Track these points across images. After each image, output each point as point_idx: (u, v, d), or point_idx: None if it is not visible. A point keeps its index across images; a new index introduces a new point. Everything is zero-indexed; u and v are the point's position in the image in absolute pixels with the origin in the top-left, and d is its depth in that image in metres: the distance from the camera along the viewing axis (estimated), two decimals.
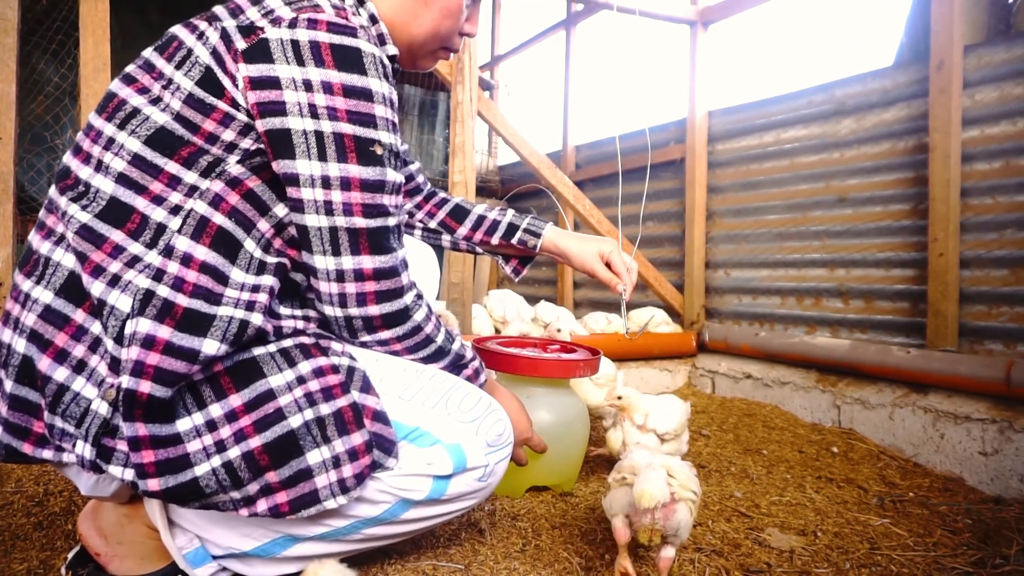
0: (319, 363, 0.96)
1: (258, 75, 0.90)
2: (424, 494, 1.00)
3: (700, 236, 3.15)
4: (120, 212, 0.90)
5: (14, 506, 1.35)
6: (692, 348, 2.98)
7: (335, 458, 0.92)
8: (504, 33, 5.53)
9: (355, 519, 1.00)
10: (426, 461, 1.00)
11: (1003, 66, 2.10)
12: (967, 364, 1.95)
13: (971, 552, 1.34)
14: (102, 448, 0.87)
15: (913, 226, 2.33)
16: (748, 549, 1.29)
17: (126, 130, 0.92)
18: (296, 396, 0.93)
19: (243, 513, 0.92)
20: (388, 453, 0.97)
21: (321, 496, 0.92)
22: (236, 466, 0.89)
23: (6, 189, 1.87)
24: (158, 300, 0.87)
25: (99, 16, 1.98)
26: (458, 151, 2.62)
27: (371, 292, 0.98)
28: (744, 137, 3.00)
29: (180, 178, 0.92)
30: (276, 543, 1.00)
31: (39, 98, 3.28)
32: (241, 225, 0.95)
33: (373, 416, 0.97)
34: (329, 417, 0.93)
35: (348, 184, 0.93)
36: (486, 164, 5.29)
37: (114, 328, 0.87)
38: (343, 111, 0.91)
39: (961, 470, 1.89)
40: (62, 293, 0.90)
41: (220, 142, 0.92)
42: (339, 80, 0.91)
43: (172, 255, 0.89)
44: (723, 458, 1.91)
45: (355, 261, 0.96)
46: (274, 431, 0.91)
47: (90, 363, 0.88)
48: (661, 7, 3.02)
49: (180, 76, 0.92)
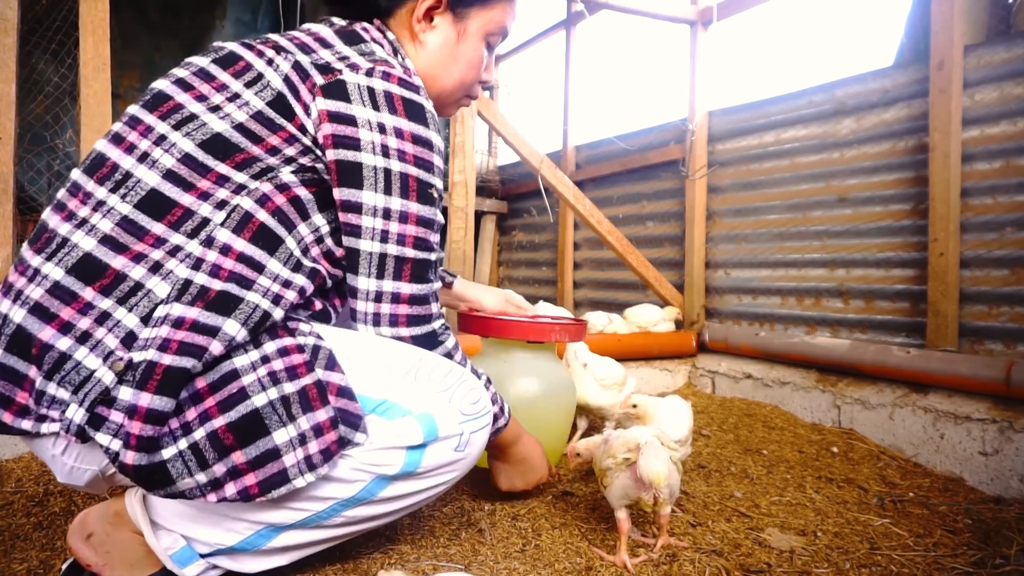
0: (284, 343, 0.98)
1: (336, 110, 1.00)
2: (398, 467, 1.00)
3: (700, 236, 3.15)
4: (162, 205, 0.95)
5: (14, 506, 1.35)
6: (692, 348, 2.98)
7: (301, 435, 0.93)
8: None
9: (332, 501, 0.99)
10: (396, 433, 1.00)
11: (1003, 66, 2.10)
12: (967, 364, 1.95)
13: (971, 552, 1.34)
14: (94, 415, 0.88)
15: (913, 226, 2.33)
16: (748, 549, 1.29)
17: (181, 131, 0.97)
18: (260, 375, 0.94)
19: (211, 499, 0.91)
20: (355, 428, 0.97)
21: (290, 475, 0.92)
22: (202, 447, 0.90)
23: (6, 189, 1.87)
24: (195, 287, 0.93)
25: (99, 16, 1.98)
26: (458, 151, 2.62)
27: (403, 315, 1.07)
28: (744, 137, 3.00)
29: (229, 177, 0.98)
30: (260, 535, 1.00)
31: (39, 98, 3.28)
32: (283, 224, 1.02)
33: (338, 392, 0.97)
34: (294, 395, 0.94)
35: (406, 218, 1.04)
36: (486, 164, 5.29)
37: (144, 308, 0.92)
38: (411, 155, 1.03)
39: (961, 470, 1.89)
40: (73, 271, 0.92)
41: (280, 155, 1.00)
42: (409, 128, 1.03)
43: (212, 245, 0.96)
44: (723, 458, 1.91)
45: (394, 286, 1.05)
46: (238, 410, 0.91)
47: (95, 335, 0.90)
48: (661, 7, 3.02)
49: (250, 95, 1.00)
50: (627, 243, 3.12)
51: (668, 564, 1.21)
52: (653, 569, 1.20)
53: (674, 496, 1.23)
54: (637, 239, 3.53)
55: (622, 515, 1.23)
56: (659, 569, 1.20)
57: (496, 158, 5.37)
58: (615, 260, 3.62)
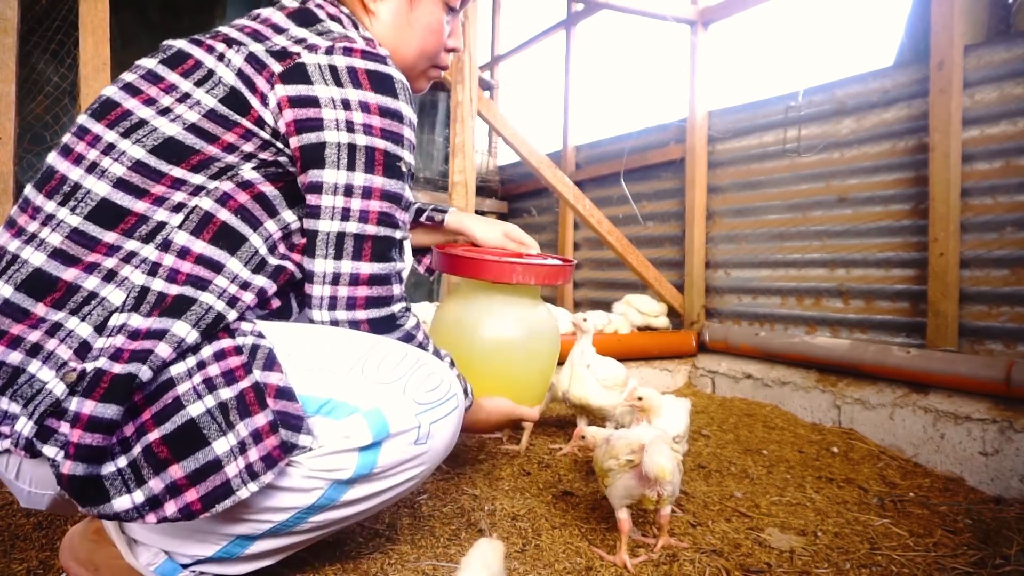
0: (221, 345, 0.92)
1: (296, 95, 0.96)
2: (351, 471, 0.93)
3: (700, 236, 3.15)
4: (114, 213, 0.92)
5: (14, 506, 1.35)
6: (692, 348, 2.98)
7: (241, 443, 0.86)
8: (504, 33, 5.53)
9: (293, 510, 0.94)
10: (343, 434, 0.93)
11: (1003, 66, 2.10)
12: (967, 364, 1.95)
13: (971, 552, 1.34)
14: (43, 428, 0.84)
15: (913, 226, 2.33)
16: (748, 549, 1.29)
17: (130, 138, 0.94)
18: (195, 383, 0.88)
19: (151, 519, 0.85)
20: (297, 430, 0.90)
21: (233, 486, 0.86)
22: (139, 463, 0.85)
23: (6, 189, 1.87)
24: (152, 295, 0.90)
25: (99, 16, 1.98)
26: (458, 151, 2.62)
27: (362, 297, 1.00)
28: (744, 137, 3.00)
29: (185, 180, 0.95)
30: (235, 544, 0.96)
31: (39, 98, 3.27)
32: (247, 222, 0.98)
33: (276, 394, 0.90)
34: (231, 400, 0.88)
35: (370, 193, 0.99)
36: (486, 164, 5.29)
37: (98, 316, 0.89)
38: (378, 128, 0.98)
39: (961, 470, 1.89)
40: (23, 288, 0.90)
41: (238, 151, 0.97)
42: (376, 101, 0.98)
43: (169, 248, 0.92)
44: (723, 458, 1.91)
45: (353, 266, 0.99)
46: (173, 422, 0.86)
47: (47, 346, 0.87)
48: (661, 7, 3.02)
49: (201, 93, 0.96)
50: (627, 243, 3.12)
51: (668, 564, 1.21)
52: (653, 569, 1.20)
53: (674, 495, 1.24)
54: (637, 239, 3.53)
55: (623, 515, 1.23)
56: (659, 569, 1.20)
57: (496, 158, 5.37)
58: (615, 260, 3.62)
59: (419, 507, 1.43)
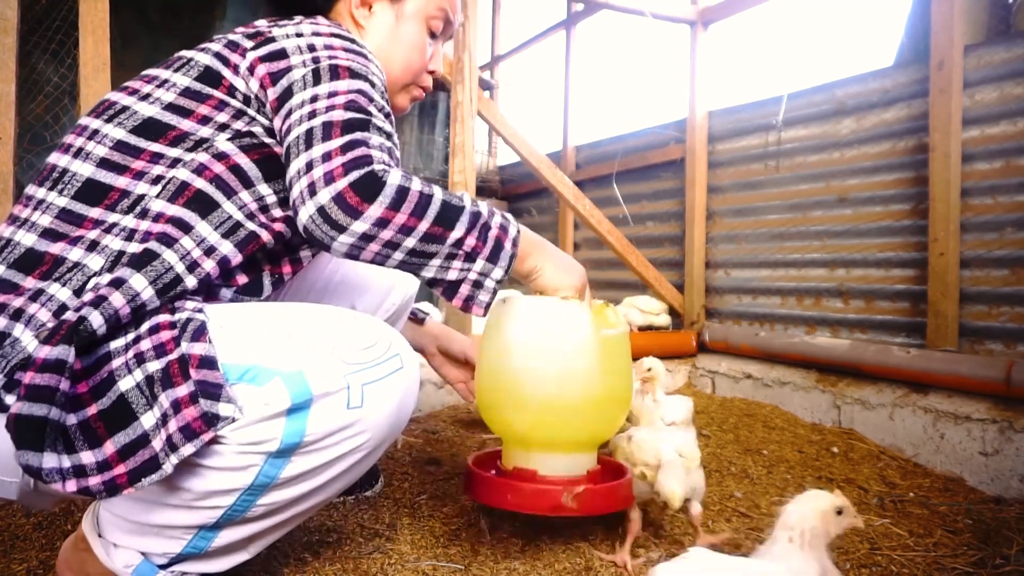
0: (157, 320, 0.90)
1: (267, 52, 1.01)
2: (278, 440, 0.87)
3: (700, 236, 3.15)
4: (98, 190, 0.96)
5: (14, 506, 1.35)
6: (692, 348, 2.98)
7: (163, 415, 0.84)
8: (504, 33, 5.53)
9: (236, 492, 0.90)
10: (263, 401, 0.87)
11: (1003, 66, 2.10)
12: (967, 364, 1.95)
13: (971, 552, 1.34)
14: (10, 381, 0.85)
15: (913, 226, 2.33)
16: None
17: (113, 123, 1.00)
18: (128, 358, 0.87)
19: (69, 487, 0.83)
20: (216, 398, 0.85)
21: (160, 460, 0.84)
22: (71, 432, 0.84)
23: (6, 189, 1.87)
24: (126, 256, 0.93)
25: (99, 16, 1.98)
26: (458, 151, 2.62)
27: (338, 167, 0.89)
28: (744, 137, 3.00)
29: (163, 154, 0.99)
30: (198, 537, 0.94)
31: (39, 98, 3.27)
32: (222, 190, 1.00)
33: (199, 363, 0.86)
34: (157, 373, 0.85)
35: (335, 93, 0.96)
36: (486, 164, 5.29)
37: (78, 281, 0.92)
38: (343, 57, 1.01)
39: (961, 470, 1.89)
40: (15, 266, 0.94)
41: (212, 123, 1.01)
42: (340, 44, 1.03)
43: (147, 216, 0.96)
44: (723, 458, 1.91)
45: (324, 146, 0.91)
46: (109, 397, 0.86)
47: (28, 310, 0.90)
48: (661, 7, 3.02)
49: (177, 76, 1.03)
50: (627, 243, 3.12)
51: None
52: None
53: (700, 493, 1.25)
54: (637, 239, 3.53)
55: (635, 515, 1.22)
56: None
57: (496, 158, 5.37)
58: (615, 260, 3.62)
59: (419, 507, 1.43)
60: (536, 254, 1.10)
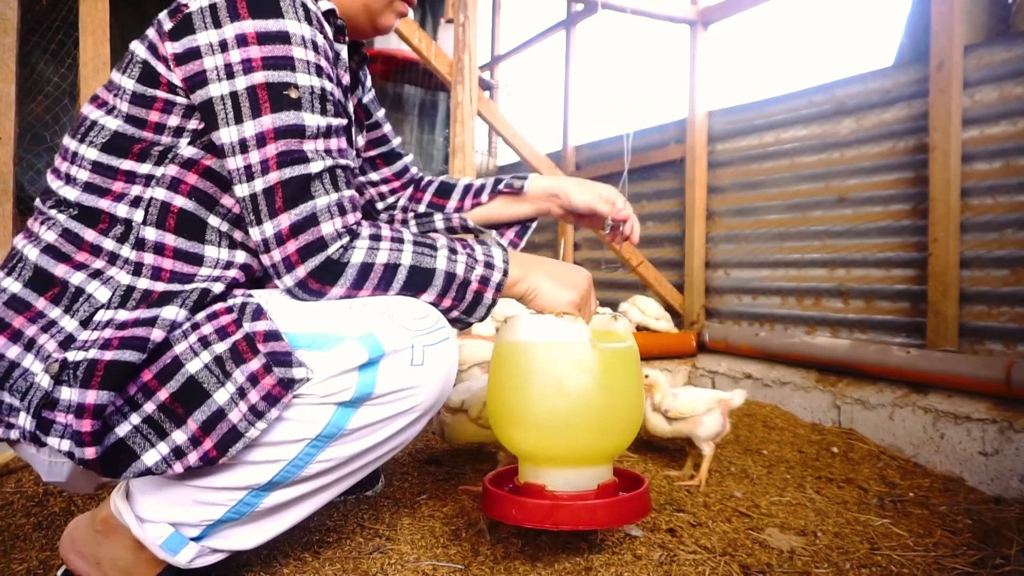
0: (213, 308, 0.96)
1: (182, 50, 0.93)
2: (352, 391, 0.93)
3: (700, 236, 3.15)
4: (89, 215, 0.98)
5: (14, 506, 1.35)
6: (692, 348, 2.98)
7: (240, 390, 0.90)
8: (504, 33, 5.53)
9: (302, 443, 0.94)
10: (339, 357, 0.93)
11: (1003, 66, 2.10)
12: (967, 364, 1.95)
13: (971, 552, 1.34)
14: (42, 420, 0.88)
15: (913, 226, 2.33)
16: (748, 549, 1.29)
17: (85, 142, 0.99)
18: (191, 343, 0.92)
19: (177, 468, 0.90)
20: (288, 365, 0.91)
21: (241, 429, 0.90)
22: (156, 418, 0.90)
23: (6, 189, 1.87)
24: (138, 292, 0.95)
25: (99, 16, 1.98)
26: (458, 151, 2.62)
27: (293, 253, 0.95)
28: (744, 137, 3.00)
29: (136, 172, 0.98)
30: (243, 503, 0.97)
31: (39, 98, 3.28)
32: (203, 204, 1.00)
33: (264, 337, 0.92)
34: (225, 353, 0.91)
35: (263, 139, 0.92)
36: (486, 164, 5.29)
37: (85, 312, 0.93)
38: (258, 59, 0.92)
39: (961, 470, 1.89)
40: (29, 284, 0.96)
41: (167, 129, 0.97)
42: (252, 28, 0.92)
43: (145, 247, 0.97)
44: (723, 458, 1.91)
45: (274, 224, 0.94)
46: (177, 379, 0.91)
47: (39, 341, 0.92)
48: (661, 7, 3.02)
49: (125, 79, 0.97)
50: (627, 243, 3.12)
51: (668, 564, 1.21)
52: (653, 569, 1.20)
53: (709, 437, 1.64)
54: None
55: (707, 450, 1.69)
56: (659, 569, 1.20)
57: (496, 158, 5.37)
58: (615, 260, 3.62)
59: (419, 507, 1.43)
60: (530, 275, 1.11)
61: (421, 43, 2.68)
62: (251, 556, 1.15)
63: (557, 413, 1.11)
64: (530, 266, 1.12)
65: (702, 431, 1.65)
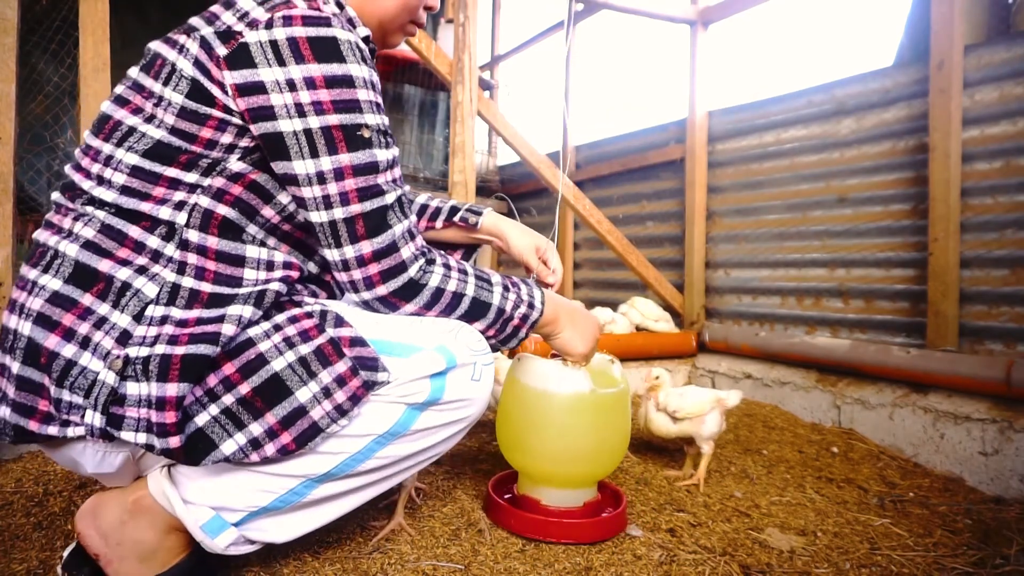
0: (292, 312, 1.02)
1: (243, 82, 0.96)
2: (425, 395, 1.03)
3: (700, 236, 3.15)
4: (130, 215, 0.99)
5: (14, 506, 1.35)
6: (692, 348, 2.98)
7: (324, 389, 0.97)
8: (504, 33, 5.53)
9: (369, 437, 1.02)
10: (417, 364, 1.03)
11: (1003, 66, 2.10)
12: (967, 364, 1.95)
13: (971, 552, 1.34)
14: (111, 416, 0.91)
15: (913, 226, 2.33)
16: (748, 549, 1.29)
17: (123, 147, 0.99)
18: (275, 342, 0.98)
19: (254, 458, 0.95)
20: (375, 369, 1.00)
21: (322, 425, 0.97)
22: (235, 411, 0.94)
23: (6, 189, 1.87)
24: (185, 291, 0.97)
25: (99, 16, 1.98)
26: (458, 151, 2.62)
27: (375, 274, 1.04)
28: (744, 137, 3.00)
29: (181, 180, 0.99)
30: (293, 492, 1.01)
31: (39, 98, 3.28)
32: (245, 214, 1.03)
33: (350, 343, 1.01)
34: (310, 355, 0.98)
35: (341, 174, 1.00)
36: (486, 164, 5.29)
37: (135, 307, 0.95)
38: (328, 103, 0.97)
39: (961, 470, 1.89)
40: (71, 281, 0.96)
41: (219, 146, 0.99)
42: (320, 72, 0.96)
43: (188, 248, 0.99)
44: (723, 458, 1.91)
45: (355, 249, 1.03)
46: (260, 375, 0.96)
47: (94, 338, 0.93)
48: (661, 7, 3.02)
49: (169, 92, 0.98)
50: (627, 243, 3.12)
51: (668, 564, 1.21)
52: (653, 569, 1.20)
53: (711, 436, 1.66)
54: (637, 239, 3.53)
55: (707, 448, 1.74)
56: (659, 569, 1.20)
57: (496, 158, 5.37)
58: (615, 260, 3.62)
59: (419, 507, 1.43)
60: (560, 320, 1.27)
61: (421, 43, 2.68)
62: (251, 556, 1.15)
63: (556, 448, 1.30)
64: (560, 311, 1.27)
65: (704, 430, 1.65)
